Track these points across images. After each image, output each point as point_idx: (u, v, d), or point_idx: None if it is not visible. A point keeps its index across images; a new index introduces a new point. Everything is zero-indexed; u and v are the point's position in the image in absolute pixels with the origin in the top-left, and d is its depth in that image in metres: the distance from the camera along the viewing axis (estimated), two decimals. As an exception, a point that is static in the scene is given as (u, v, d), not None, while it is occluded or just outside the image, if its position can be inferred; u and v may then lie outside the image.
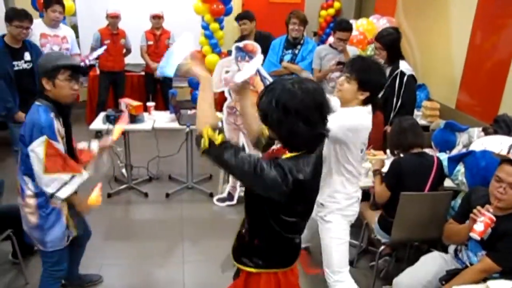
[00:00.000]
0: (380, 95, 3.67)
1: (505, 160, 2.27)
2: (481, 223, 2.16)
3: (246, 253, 1.86)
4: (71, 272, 2.84)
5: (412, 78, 3.81)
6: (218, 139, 1.53)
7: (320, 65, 4.33)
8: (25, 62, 3.90)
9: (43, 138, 2.20)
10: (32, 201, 2.34)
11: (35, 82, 3.07)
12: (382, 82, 2.40)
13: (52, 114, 2.26)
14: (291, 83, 1.56)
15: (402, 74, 3.76)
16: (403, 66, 3.82)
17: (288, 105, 1.51)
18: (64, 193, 2.29)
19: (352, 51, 4.39)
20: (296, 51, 4.40)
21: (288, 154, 1.61)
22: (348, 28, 4.19)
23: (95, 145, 2.58)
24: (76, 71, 2.32)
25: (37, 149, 2.20)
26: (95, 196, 2.45)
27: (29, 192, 2.33)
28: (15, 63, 3.84)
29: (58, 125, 2.29)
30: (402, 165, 2.89)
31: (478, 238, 2.18)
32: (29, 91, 3.48)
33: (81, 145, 2.58)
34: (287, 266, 1.87)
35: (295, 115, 1.51)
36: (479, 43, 4.37)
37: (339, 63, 4.20)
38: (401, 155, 3.01)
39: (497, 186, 2.22)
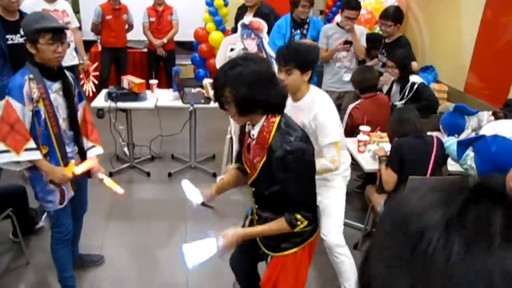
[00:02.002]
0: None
1: None
2: None
3: (284, 238, 1.90)
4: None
5: (423, 85, 3.77)
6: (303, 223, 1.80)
7: (327, 44, 4.23)
8: (21, 36, 3.44)
9: (6, 98, 2.17)
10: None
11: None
12: (315, 54, 2.60)
13: (27, 76, 2.18)
14: None
15: (413, 84, 3.72)
16: (413, 78, 3.79)
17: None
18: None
19: (360, 30, 4.28)
20: (304, 31, 4.33)
21: (272, 130, 1.78)
22: (357, 6, 4.09)
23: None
24: (58, 33, 2.19)
25: None
26: (71, 169, 2.38)
27: None
28: (8, 36, 3.50)
29: (32, 88, 2.18)
30: (402, 146, 2.87)
31: None
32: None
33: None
34: (316, 230, 2.00)
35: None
36: (490, 24, 4.24)
37: (346, 42, 4.11)
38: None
39: None
